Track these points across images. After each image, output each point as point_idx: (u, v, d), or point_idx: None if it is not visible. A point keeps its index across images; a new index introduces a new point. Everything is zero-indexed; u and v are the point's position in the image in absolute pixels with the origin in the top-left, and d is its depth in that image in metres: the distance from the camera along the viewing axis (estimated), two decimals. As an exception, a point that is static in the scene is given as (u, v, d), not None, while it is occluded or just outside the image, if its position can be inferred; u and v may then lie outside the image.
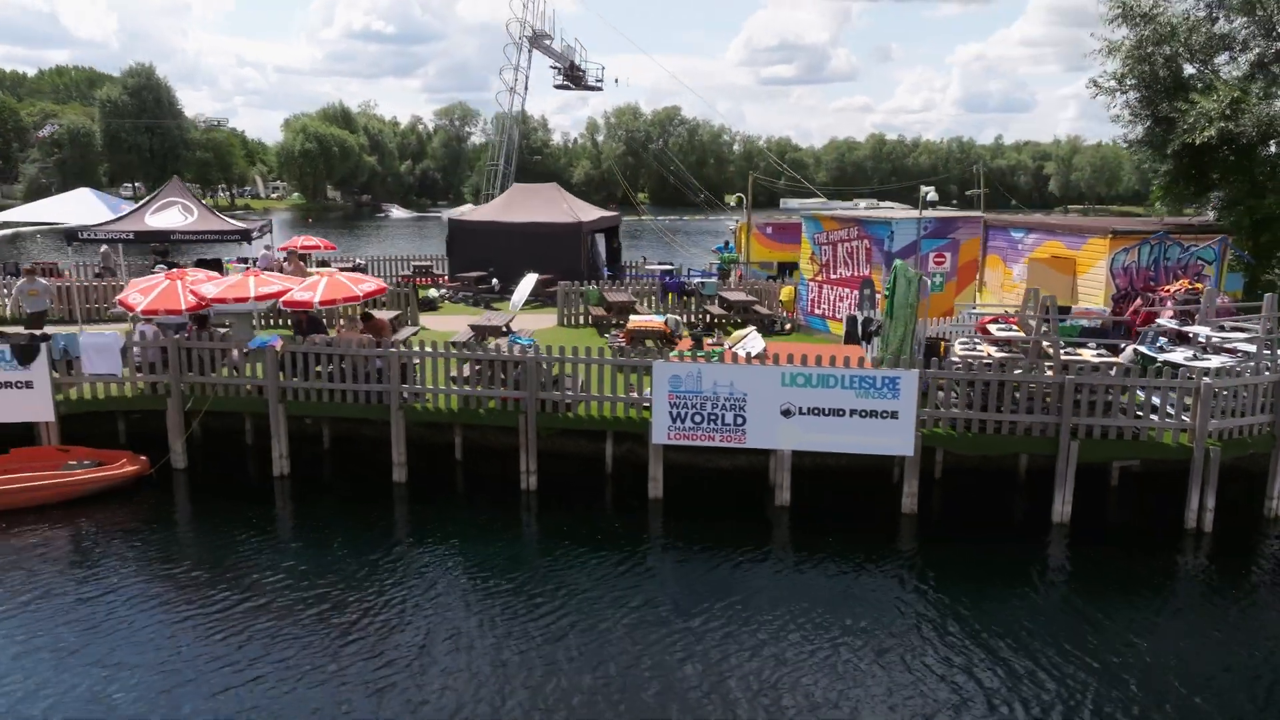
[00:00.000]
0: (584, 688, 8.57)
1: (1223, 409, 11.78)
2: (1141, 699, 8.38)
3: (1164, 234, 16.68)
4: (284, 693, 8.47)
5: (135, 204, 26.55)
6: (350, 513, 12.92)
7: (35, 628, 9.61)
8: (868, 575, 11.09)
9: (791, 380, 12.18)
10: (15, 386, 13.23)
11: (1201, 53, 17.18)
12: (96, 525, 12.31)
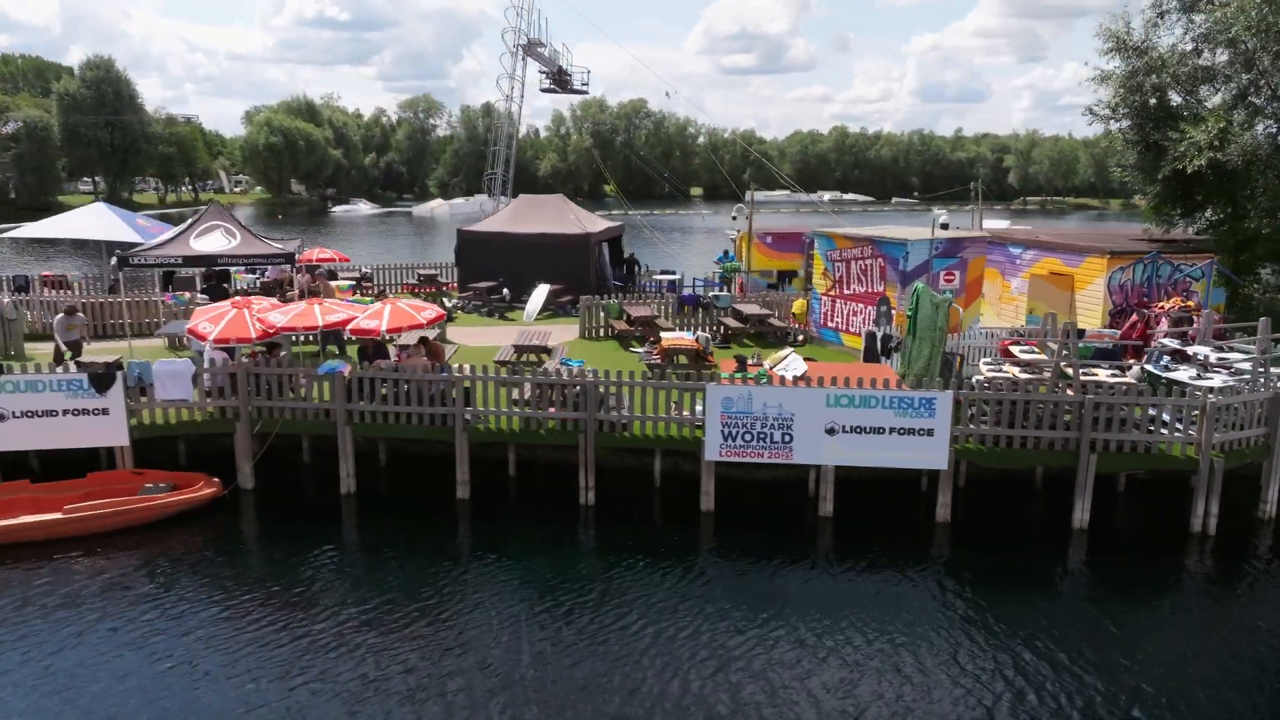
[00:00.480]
0: (661, 694, 9.51)
1: (1225, 424, 13.03)
2: (1164, 691, 9.54)
3: (1156, 254, 17.97)
4: (370, 701, 9.28)
5: (140, 214, 26.79)
6: (418, 528, 13.68)
7: (132, 643, 10.29)
8: (911, 581, 12.15)
9: (835, 401, 13.19)
10: (92, 413, 13.77)
11: (1188, 83, 18.47)
12: (179, 545, 12.94)
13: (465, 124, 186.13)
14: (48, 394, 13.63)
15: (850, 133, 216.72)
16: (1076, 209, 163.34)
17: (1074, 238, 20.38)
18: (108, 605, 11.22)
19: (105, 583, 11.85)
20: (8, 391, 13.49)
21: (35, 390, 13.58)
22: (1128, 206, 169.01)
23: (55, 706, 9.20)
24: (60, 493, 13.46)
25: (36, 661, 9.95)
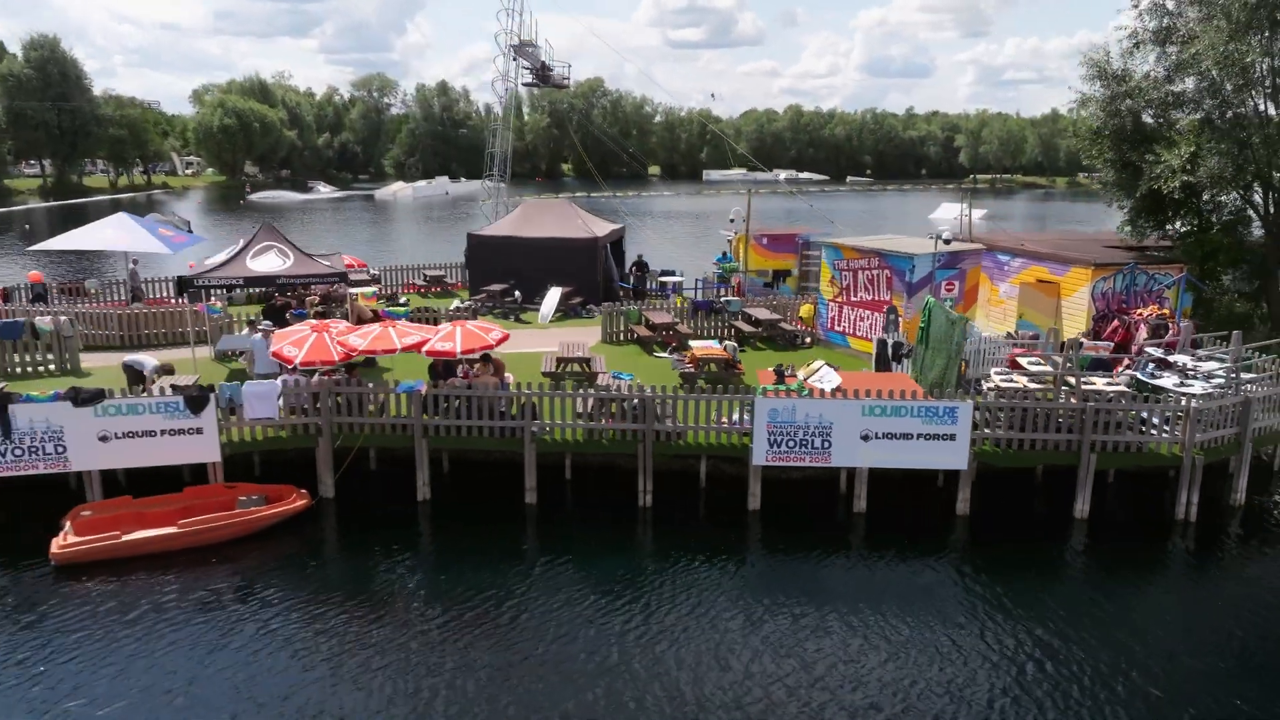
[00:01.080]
0: (741, 677, 11.13)
1: (1204, 425, 15.00)
2: (1156, 655, 11.43)
3: (1134, 265, 19.93)
4: (458, 694, 10.73)
5: (161, 223, 27.35)
6: (492, 532, 15.05)
7: (277, 645, 11.60)
8: (939, 569, 13.94)
9: (870, 411, 14.86)
10: (187, 433, 14.86)
11: (1160, 107, 20.38)
12: (280, 553, 14.18)
13: (420, 103, 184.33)
14: (148, 415, 14.68)
15: (805, 111, 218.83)
16: (1025, 187, 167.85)
17: (1057, 247, 22.26)
18: (240, 610, 12.46)
19: (227, 589, 13.07)
20: (111, 414, 14.52)
21: (136, 413, 14.63)
22: (1073, 185, 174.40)
23: (225, 693, 10.48)
24: (163, 506, 14.56)
25: (196, 661, 11.20)
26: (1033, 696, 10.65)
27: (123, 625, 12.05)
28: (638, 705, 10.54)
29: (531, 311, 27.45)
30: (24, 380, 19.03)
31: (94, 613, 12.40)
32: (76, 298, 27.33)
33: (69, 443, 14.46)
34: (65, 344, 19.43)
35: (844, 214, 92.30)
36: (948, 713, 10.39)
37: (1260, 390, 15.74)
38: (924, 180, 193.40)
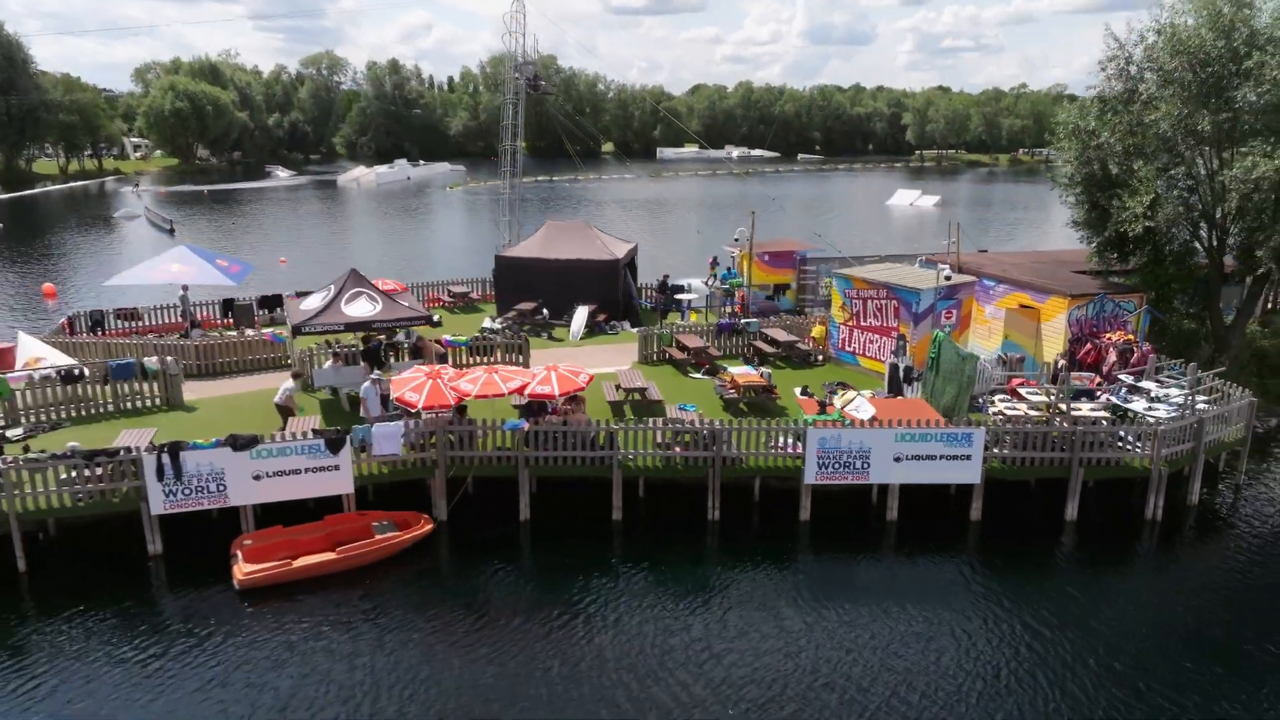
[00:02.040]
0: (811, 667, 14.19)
1: (1168, 442, 18.43)
2: (1133, 632, 14.80)
3: (1103, 295, 23.32)
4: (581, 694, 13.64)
5: (216, 255, 29.19)
6: (586, 547, 17.82)
7: (444, 649, 14.31)
8: (961, 565, 17.17)
9: (901, 437, 17.97)
10: (327, 470, 17.31)
11: (1124, 157, 23.66)
12: (414, 570, 16.80)
13: (372, 81, 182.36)
14: (294, 456, 17.09)
15: (755, 88, 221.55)
16: (969, 165, 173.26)
17: (1036, 274, 25.51)
18: (390, 621, 15.10)
19: (378, 605, 15.67)
20: (264, 457, 16.90)
21: (285, 454, 17.03)
22: (1014, 163, 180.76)
23: (392, 692, 13.17)
24: (310, 534, 17.04)
25: (369, 667, 13.85)
26: (1030, 665, 13.92)
27: (309, 637, 14.63)
28: (732, 688, 13.52)
29: (560, 328, 30.04)
30: (136, 415, 21.13)
31: (280, 627, 14.94)
32: (132, 322, 29.12)
33: (229, 482, 16.82)
34: (170, 381, 21.49)
35: (794, 199, 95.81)
36: (968, 680, 13.60)
37: (1211, 411, 19.26)
38: (872, 158, 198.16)
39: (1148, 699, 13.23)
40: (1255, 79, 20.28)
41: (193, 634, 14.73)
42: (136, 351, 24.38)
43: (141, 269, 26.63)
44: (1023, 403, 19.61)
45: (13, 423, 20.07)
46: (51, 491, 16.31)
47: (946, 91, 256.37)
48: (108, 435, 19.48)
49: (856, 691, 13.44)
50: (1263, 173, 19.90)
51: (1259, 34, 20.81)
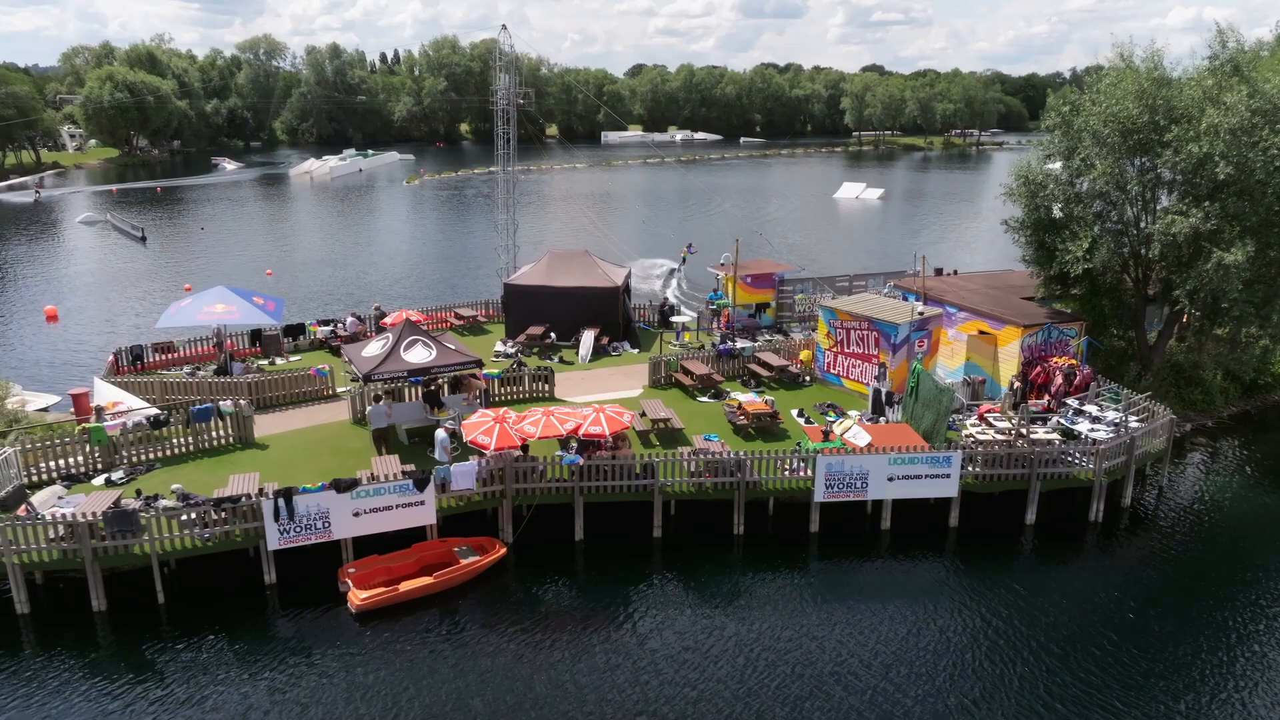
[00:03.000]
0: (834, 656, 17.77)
1: (1107, 457, 22.45)
2: (1086, 611, 18.74)
3: (1050, 325, 27.29)
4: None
5: (253, 293, 31.35)
6: (632, 561, 21.09)
7: (501, 660, 17.48)
8: (946, 565, 20.93)
9: (894, 461, 21.60)
10: (414, 505, 20.21)
11: (1066, 203, 27.56)
12: (494, 586, 19.86)
13: (312, 66, 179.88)
14: (387, 495, 19.95)
15: (697, 71, 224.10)
16: (905, 149, 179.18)
17: (992, 302, 29.33)
18: (485, 632, 18.20)
19: (472, 620, 18.73)
20: (362, 496, 19.72)
21: (379, 494, 19.88)
22: (947, 145, 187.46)
23: (514, 694, 16.33)
24: (403, 560, 19.95)
25: (475, 675, 16.96)
26: (990, 644, 17.71)
27: (419, 650, 17.64)
28: (767, 671, 17.02)
29: (567, 349, 33.04)
30: (215, 453, 23.61)
31: (393, 643, 17.90)
32: (168, 354, 31.17)
33: (333, 519, 19.60)
34: (243, 421, 23.99)
35: (741, 192, 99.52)
36: (943, 658, 17.32)
37: (1140, 429, 23.36)
38: (811, 140, 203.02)
39: (1075, 670, 17.06)
40: (1174, 148, 24.24)
41: (318, 651, 17.60)
42: (193, 390, 26.75)
43: (189, 310, 28.68)
44: (990, 428, 23.46)
45: (108, 467, 22.40)
46: (185, 535, 18.89)
47: (882, 74, 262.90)
48: (200, 475, 22.03)
49: (860, 666, 17.04)
50: (1179, 229, 23.90)
51: (1176, 109, 24.76)
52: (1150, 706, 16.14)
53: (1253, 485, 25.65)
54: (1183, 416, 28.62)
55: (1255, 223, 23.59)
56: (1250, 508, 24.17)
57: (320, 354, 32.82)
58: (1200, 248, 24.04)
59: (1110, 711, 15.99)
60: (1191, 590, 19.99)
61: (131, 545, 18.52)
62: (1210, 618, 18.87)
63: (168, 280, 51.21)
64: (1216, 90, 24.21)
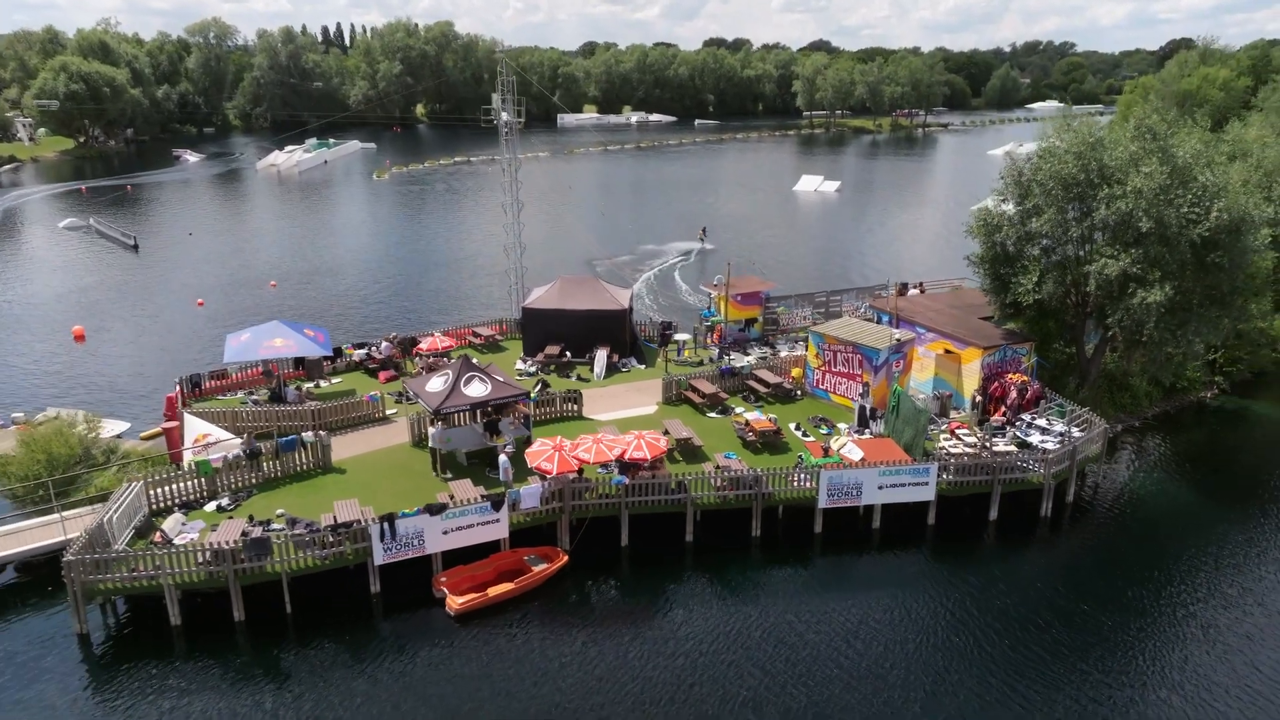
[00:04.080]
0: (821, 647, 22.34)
1: (1055, 463, 27.31)
2: (1037, 594, 23.58)
3: (1006, 346, 32.09)
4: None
5: (304, 325, 34.59)
6: (671, 562, 25.36)
7: (579, 657, 21.70)
8: (929, 558, 25.63)
9: (884, 473, 26.17)
10: (491, 523, 24.18)
11: (1018, 241, 32.23)
12: (556, 591, 23.98)
13: (265, 50, 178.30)
14: (469, 515, 23.88)
15: (650, 52, 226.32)
16: (855, 132, 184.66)
17: (955, 323, 33.96)
18: (560, 630, 22.36)
19: (547, 620, 22.86)
20: (450, 517, 23.62)
21: (463, 514, 23.80)
22: (895, 127, 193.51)
23: (599, 678, 20.53)
24: (484, 569, 23.94)
25: (567, 668, 21.13)
26: (962, 619, 22.44)
27: (508, 644, 21.73)
28: (791, 652, 21.50)
29: (582, 366, 36.99)
30: (301, 478, 27.18)
31: (485, 641, 21.96)
32: (221, 380, 34.35)
33: (426, 537, 23.48)
34: (323, 450, 27.59)
35: (701, 184, 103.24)
36: (916, 636, 21.96)
37: (1081, 438, 28.31)
38: (763, 121, 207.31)
39: (1018, 642, 21.85)
40: (1106, 203, 28.99)
41: (421, 648, 21.53)
42: (264, 419, 30.18)
43: (250, 344, 31.85)
44: (960, 443, 28.21)
45: (213, 495, 25.89)
46: (307, 556, 22.63)
47: (829, 53, 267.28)
48: (292, 499, 25.67)
49: (856, 641, 21.61)
50: (1111, 270, 28.69)
51: (1107, 169, 29.49)
52: (1074, 672, 20.91)
53: (1171, 476, 30.91)
54: (1114, 418, 33.78)
55: (1172, 267, 28.48)
56: (1167, 496, 29.39)
57: (356, 376, 36.27)
58: (1127, 286, 28.88)
59: (1042, 674, 20.73)
60: (1114, 572, 24.96)
61: (264, 565, 22.21)
62: (1127, 595, 23.84)
63: (175, 295, 53.62)
64: (1141, 153, 28.96)
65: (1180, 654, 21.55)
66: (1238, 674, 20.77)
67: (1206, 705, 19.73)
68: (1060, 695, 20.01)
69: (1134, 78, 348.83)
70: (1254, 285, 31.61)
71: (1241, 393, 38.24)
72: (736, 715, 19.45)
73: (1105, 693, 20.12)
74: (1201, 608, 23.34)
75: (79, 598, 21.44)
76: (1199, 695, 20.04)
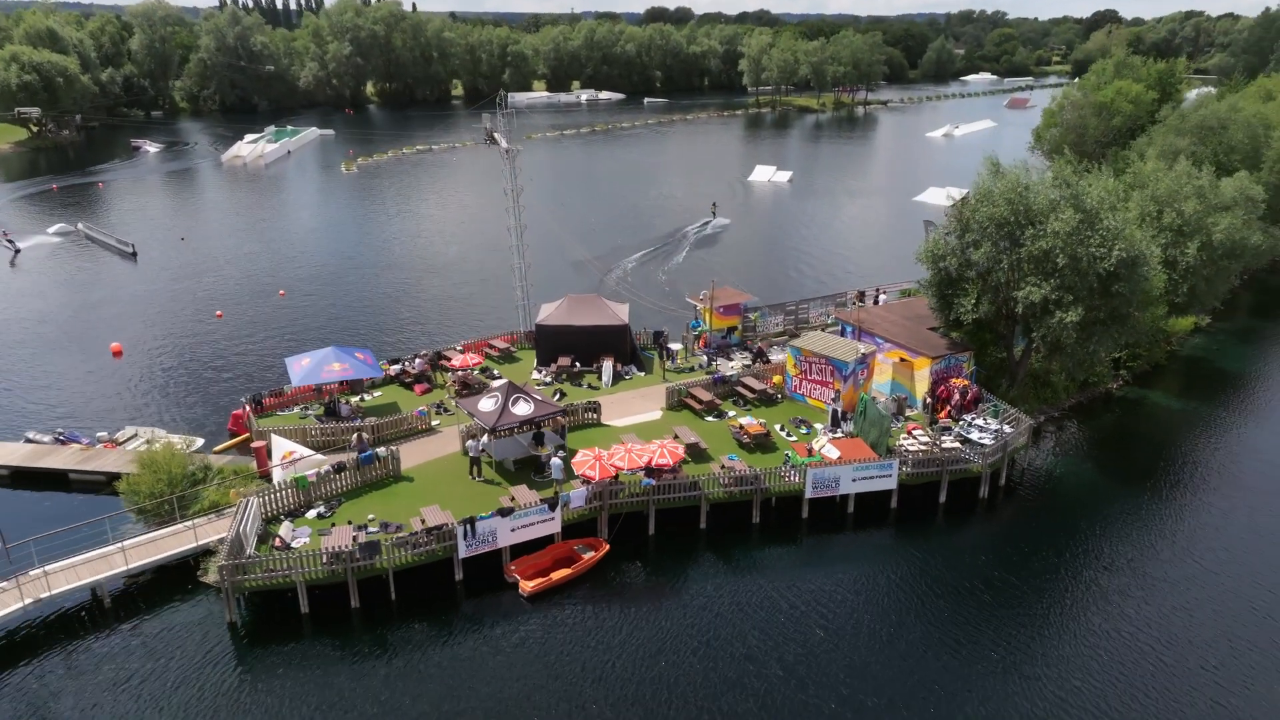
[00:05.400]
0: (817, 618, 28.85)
1: (990, 455, 34.07)
2: (984, 566, 30.36)
3: (950, 355, 38.75)
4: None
5: (355, 349, 39.58)
6: (688, 546, 31.49)
7: (621, 635, 27.82)
8: (895, 537, 32.23)
9: (857, 469, 32.64)
10: (548, 520, 30.00)
11: (959, 268, 38.72)
12: (607, 575, 29.95)
13: (213, 32, 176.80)
14: (531, 514, 29.64)
15: (598, 30, 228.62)
16: (800, 111, 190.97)
17: (907, 334, 40.41)
18: (611, 600, 28.38)
19: (594, 593, 28.83)
20: (518, 518, 29.36)
21: (527, 515, 29.56)
22: (838, 105, 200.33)
23: (651, 643, 26.65)
24: (543, 558, 29.77)
25: (630, 645, 27.17)
26: (915, 586, 29.08)
27: (572, 618, 27.67)
28: (794, 610, 27.87)
29: (590, 374, 42.68)
30: (377, 486, 32.53)
31: (553, 615, 27.85)
32: (279, 397, 39.24)
33: (498, 534, 29.19)
34: (394, 462, 32.96)
35: (649, 175, 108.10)
36: (879, 601, 28.58)
37: (1010, 433, 35.13)
38: (709, 98, 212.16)
39: (958, 604, 28.59)
40: (1031, 241, 35.57)
41: (500, 623, 27.29)
42: (333, 433, 35.34)
43: (313, 369, 36.81)
44: (916, 441, 34.83)
45: (308, 505, 31.14)
46: (407, 554, 28.19)
47: (770, 26, 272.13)
48: (375, 505, 31.05)
49: (835, 603, 28.06)
50: (1035, 296, 35.31)
51: (1032, 211, 36.04)
52: (995, 630, 27.67)
53: (1083, 458, 38.05)
54: (1038, 410, 40.84)
55: (1083, 293, 35.24)
56: (1080, 475, 36.48)
57: (393, 389, 41.40)
58: (1048, 308, 35.61)
59: (973, 623, 27.45)
60: (1036, 543, 31.84)
61: (374, 563, 27.73)
62: (1044, 561, 30.73)
63: (190, 306, 57.53)
64: (1059, 200, 35.56)
65: (1073, 607, 28.45)
66: (1111, 621, 27.68)
67: (1085, 645, 26.61)
68: (982, 637, 26.72)
69: (1061, 50, 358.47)
70: (1147, 301, 38.69)
71: (1141, 383, 45.72)
72: (739, 666, 25.54)
73: (1014, 636, 26.89)
74: (1096, 571, 30.33)
75: (230, 593, 26.73)
76: (1081, 638, 26.94)
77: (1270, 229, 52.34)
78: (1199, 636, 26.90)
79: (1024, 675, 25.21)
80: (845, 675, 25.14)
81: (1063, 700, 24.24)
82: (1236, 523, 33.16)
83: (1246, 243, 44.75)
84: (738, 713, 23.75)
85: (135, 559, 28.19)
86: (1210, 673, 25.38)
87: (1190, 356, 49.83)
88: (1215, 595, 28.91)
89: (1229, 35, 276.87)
